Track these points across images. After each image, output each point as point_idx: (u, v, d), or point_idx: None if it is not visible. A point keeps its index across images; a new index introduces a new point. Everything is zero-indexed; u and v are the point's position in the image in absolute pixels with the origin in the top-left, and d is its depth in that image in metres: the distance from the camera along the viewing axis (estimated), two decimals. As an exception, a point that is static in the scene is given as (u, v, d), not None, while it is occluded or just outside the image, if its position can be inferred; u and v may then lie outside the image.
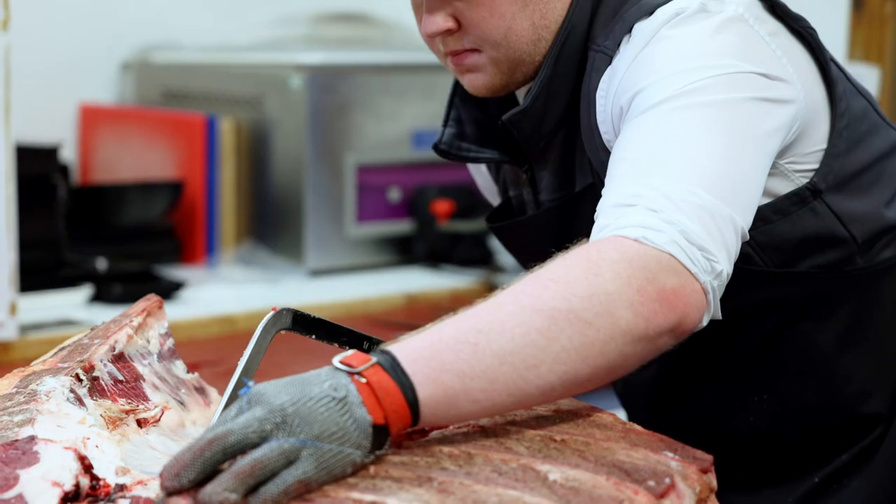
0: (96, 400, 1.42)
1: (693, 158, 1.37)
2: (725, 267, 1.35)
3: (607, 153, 1.49)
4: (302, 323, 1.43)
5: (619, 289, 1.27)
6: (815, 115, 1.53)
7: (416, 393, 1.20)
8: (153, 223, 3.21)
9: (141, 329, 1.56)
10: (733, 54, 1.45)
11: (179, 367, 1.59)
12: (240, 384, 1.33)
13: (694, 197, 1.34)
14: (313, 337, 1.46)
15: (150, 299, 1.64)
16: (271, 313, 1.40)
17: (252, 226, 3.27)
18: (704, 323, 1.35)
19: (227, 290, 2.98)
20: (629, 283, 1.27)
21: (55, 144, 2.94)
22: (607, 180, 1.42)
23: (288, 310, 1.41)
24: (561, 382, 1.25)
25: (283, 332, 1.42)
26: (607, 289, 1.26)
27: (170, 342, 1.60)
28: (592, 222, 1.39)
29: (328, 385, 1.17)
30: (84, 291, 2.79)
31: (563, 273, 1.28)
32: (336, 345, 1.46)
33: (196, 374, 1.61)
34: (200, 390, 1.60)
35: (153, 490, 1.23)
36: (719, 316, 1.36)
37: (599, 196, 1.41)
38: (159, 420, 1.45)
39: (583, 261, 1.29)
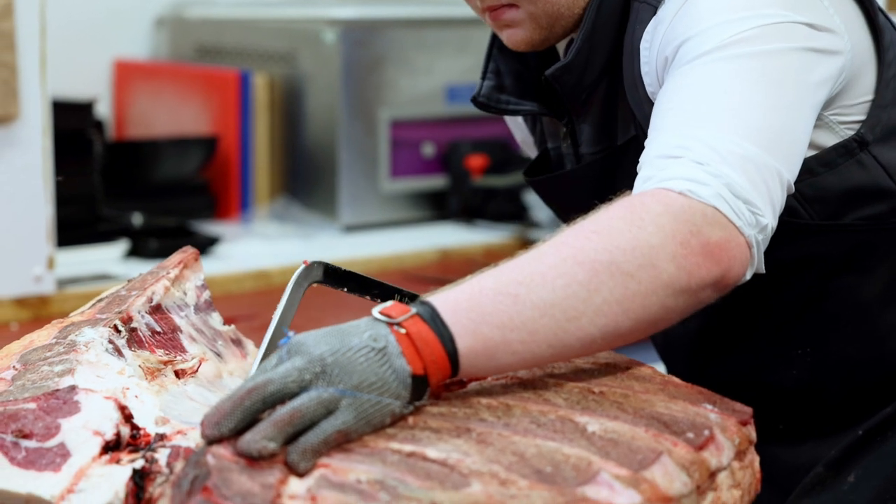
0: (135, 351, 1.43)
1: (739, 110, 1.36)
2: (770, 220, 1.34)
3: (651, 105, 1.48)
4: (333, 276, 1.42)
5: (662, 242, 1.26)
6: (861, 65, 1.51)
7: (455, 344, 1.20)
8: (187, 179, 3.22)
9: (178, 281, 1.57)
10: (780, 4, 1.43)
11: (216, 319, 1.60)
12: (277, 336, 1.33)
13: (739, 149, 1.33)
14: (345, 290, 1.45)
15: (187, 251, 1.64)
16: (303, 266, 1.39)
17: (286, 181, 3.27)
18: (748, 277, 1.34)
19: (262, 245, 2.99)
20: (673, 237, 1.26)
21: (90, 99, 2.95)
22: (651, 131, 1.41)
23: (319, 263, 1.40)
24: (601, 335, 1.25)
25: (315, 285, 1.41)
26: (650, 241, 1.26)
27: (206, 294, 1.60)
28: (634, 176, 1.38)
29: (368, 335, 1.17)
30: (120, 246, 2.80)
31: (606, 225, 1.27)
32: (368, 298, 1.46)
33: (232, 326, 1.62)
34: (237, 342, 1.61)
35: (193, 440, 1.24)
36: (762, 270, 1.36)
37: (643, 149, 1.40)
38: (197, 371, 1.45)
39: (626, 213, 1.28)
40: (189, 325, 1.54)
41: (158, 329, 1.48)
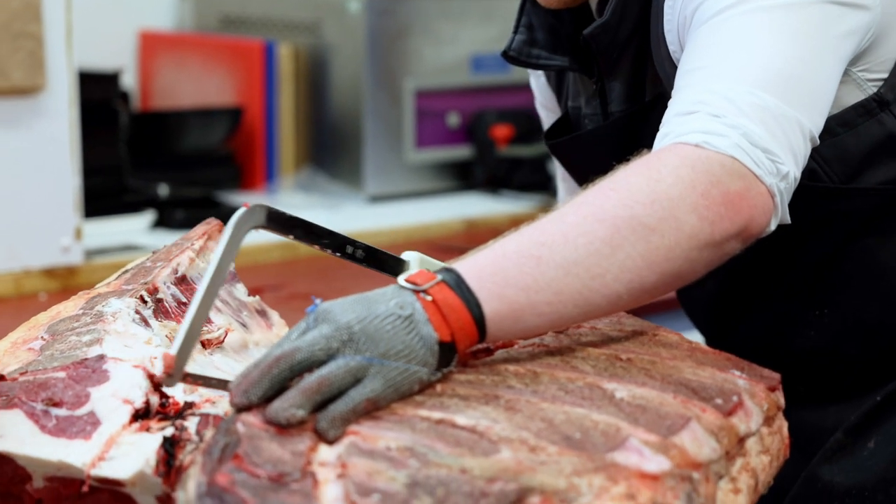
0: (161, 321, 1.43)
1: (756, 60, 1.35)
2: (792, 169, 1.32)
3: (673, 66, 1.47)
4: (278, 221, 1.33)
5: (681, 193, 1.25)
6: (890, 23, 1.50)
7: (481, 309, 1.19)
8: (213, 149, 3.22)
9: (202, 252, 1.57)
10: None
11: (240, 290, 1.60)
12: (214, 283, 1.25)
13: (757, 99, 1.31)
14: (291, 238, 1.36)
15: (210, 223, 1.64)
16: (243, 209, 1.29)
17: (311, 152, 3.27)
18: (772, 227, 1.33)
19: (288, 215, 2.99)
20: (692, 188, 1.26)
21: (116, 71, 2.95)
22: (673, 93, 1.40)
23: (261, 206, 1.31)
24: (627, 291, 1.24)
25: (257, 229, 1.32)
26: (670, 194, 1.25)
27: (231, 265, 1.61)
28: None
29: (394, 303, 1.17)
30: (147, 217, 2.81)
31: (624, 181, 1.27)
32: (316, 247, 1.38)
33: (257, 297, 1.62)
34: (262, 313, 1.61)
35: (221, 408, 1.24)
36: (787, 220, 1.35)
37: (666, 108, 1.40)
38: (223, 341, 1.46)
39: (643, 168, 1.28)
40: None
41: (184, 300, 1.49)
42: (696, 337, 1.59)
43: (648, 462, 1.10)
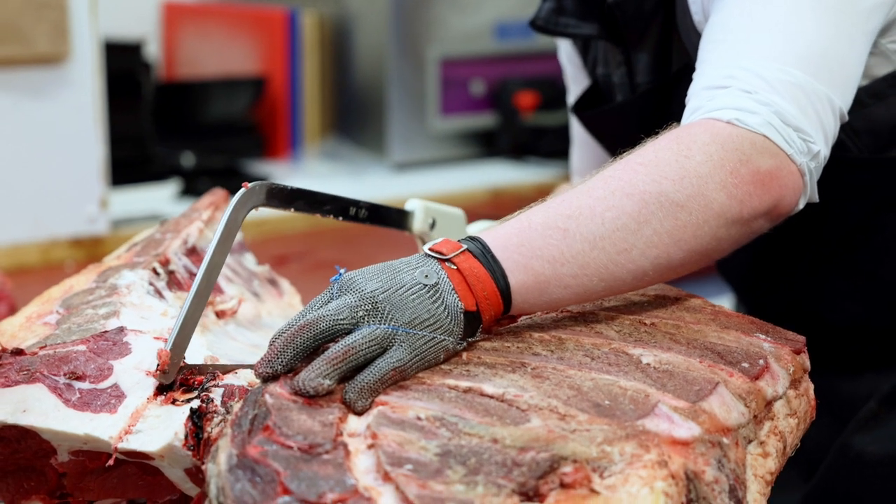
0: (174, 292, 1.43)
1: (786, 36, 1.33)
2: (822, 148, 1.32)
3: (698, 35, 1.46)
4: (279, 196, 1.33)
5: (711, 171, 1.24)
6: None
7: (507, 279, 1.19)
8: (237, 119, 3.22)
9: (210, 223, 1.57)
10: None
11: (249, 259, 1.60)
12: (214, 265, 1.24)
13: (788, 76, 1.30)
14: (292, 210, 1.37)
15: (216, 193, 1.64)
16: (243, 190, 1.28)
17: (335, 120, 3.27)
18: (801, 206, 1.32)
19: (312, 184, 2.95)
20: (722, 165, 1.25)
21: (139, 40, 2.95)
22: (698, 63, 1.38)
23: (261, 184, 1.31)
24: (653, 266, 1.24)
25: (257, 208, 1.31)
26: (699, 171, 1.24)
27: (239, 235, 1.60)
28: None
29: (419, 272, 1.17)
30: (172, 186, 2.81)
31: (653, 156, 1.26)
32: (319, 214, 1.39)
33: (266, 266, 1.61)
34: (272, 282, 1.61)
35: (245, 379, 1.24)
36: (816, 198, 1.34)
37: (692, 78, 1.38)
38: (237, 311, 1.45)
39: (673, 144, 1.26)
40: (224, 266, 1.53)
41: (195, 271, 1.48)
42: (719, 302, 1.58)
43: (679, 428, 1.09)
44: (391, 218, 1.46)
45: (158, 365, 1.21)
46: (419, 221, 1.51)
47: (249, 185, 1.29)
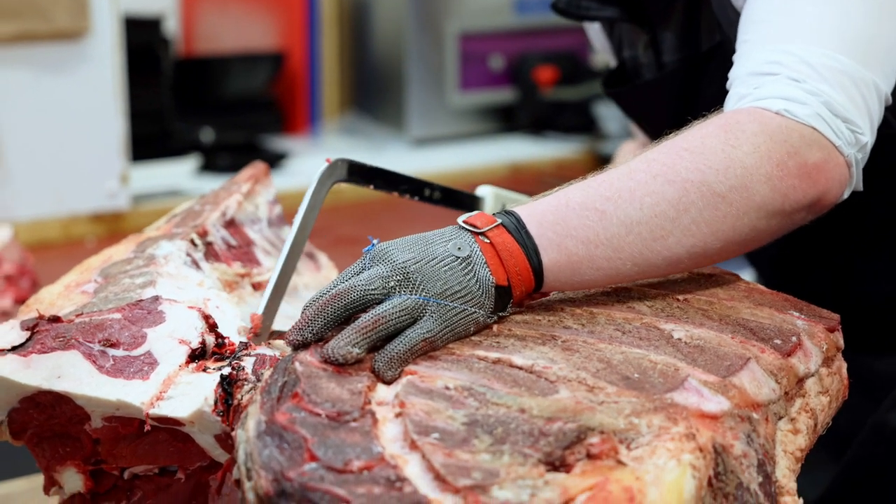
0: (212, 263, 1.44)
1: (831, 20, 1.32)
2: (869, 138, 1.30)
3: (734, 11, 1.44)
4: (359, 173, 1.38)
5: (757, 162, 1.23)
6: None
7: (539, 256, 1.19)
8: (256, 94, 3.22)
9: (249, 196, 1.57)
10: None
11: (288, 232, 1.60)
12: (300, 238, 1.32)
13: (835, 63, 1.29)
14: (371, 187, 1.41)
15: (257, 166, 1.64)
16: (325, 165, 1.33)
17: (354, 95, 3.27)
18: (846, 196, 1.31)
19: (331, 159, 2.99)
20: (768, 157, 1.23)
21: (159, 16, 2.95)
22: (739, 45, 1.37)
23: (343, 160, 1.35)
24: (688, 255, 1.23)
25: (340, 182, 1.37)
26: (744, 162, 1.22)
27: (277, 209, 1.61)
28: (718, 85, 1.35)
29: (452, 244, 1.17)
30: (192, 161, 2.81)
31: (699, 143, 1.24)
32: (396, 193, 1.43)
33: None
34: (310, 255, 1.61)
35: (276, 349, 1.24)
36: (860, 188, 1.32)
37: (728, 56, 1.37)
38: (275, 284, 1.46)
39: (720, 132, 1.25)
40: (262, 238, 1.54)
41: (233, 242, 1.49)
42: (751, 278, 1.58)
43: (708, 402, 1.09)
44: (463, 202, 1.48)
45: (251, 327, 1.27)
46: (489, 207, 1.52)
47: (332, 160, 1.33)
